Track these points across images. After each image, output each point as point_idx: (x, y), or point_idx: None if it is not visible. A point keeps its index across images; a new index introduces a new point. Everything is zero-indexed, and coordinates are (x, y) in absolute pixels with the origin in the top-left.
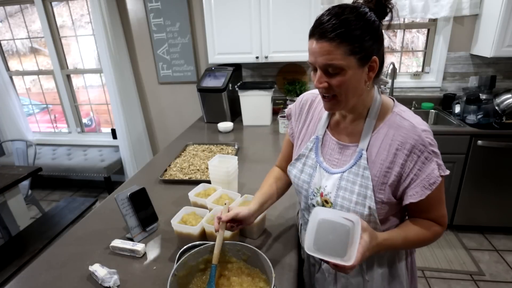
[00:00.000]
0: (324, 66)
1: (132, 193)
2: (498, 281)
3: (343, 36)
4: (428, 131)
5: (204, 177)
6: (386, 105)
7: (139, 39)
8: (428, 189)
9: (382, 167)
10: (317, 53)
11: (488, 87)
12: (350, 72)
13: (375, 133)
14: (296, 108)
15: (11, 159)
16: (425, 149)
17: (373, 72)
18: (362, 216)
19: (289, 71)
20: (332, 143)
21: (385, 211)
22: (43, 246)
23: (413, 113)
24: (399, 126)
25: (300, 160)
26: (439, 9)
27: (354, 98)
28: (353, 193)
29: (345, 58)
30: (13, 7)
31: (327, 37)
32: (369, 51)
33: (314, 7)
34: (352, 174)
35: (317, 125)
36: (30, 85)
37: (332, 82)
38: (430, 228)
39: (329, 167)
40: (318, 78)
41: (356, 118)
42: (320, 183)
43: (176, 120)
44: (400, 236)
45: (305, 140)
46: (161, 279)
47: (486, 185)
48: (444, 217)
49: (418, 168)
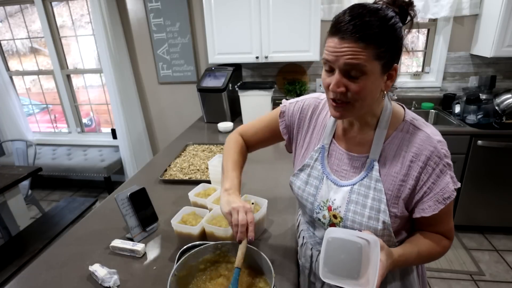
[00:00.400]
0: (346, 68)
1: (132, 193)
2: (498, 281)
3: (370, 39)
4: (443, 142)
5: (204, 177)
6: (397, 113)
7: (139, 39)
8: (442, 204)
9: (396, 180)
10: (340, 52)
11: (488, 87)
12: (372, 77)
13: (387, 143)
14: (296, 113)
15: (11, 159)
16: (440, 161)
17: (391, 81)
18: (376, 231)
19: (289, 71)
20: (340, 153)
21: (396, 224)
22: (43, 246)
23: (425, 121)
24: (413, 137)
25: (304, 171)
26: (439, 9)
27: (368, 107)
28: (366, 207)
29: (371, 61)
30: (13, 7)
31: (353, 37)
32: (392, 58)
33: (314, 7)
34: (363, 186)
35: (322, 133)
36: (30, 85)
37: (351, 87)
38: (440, 242)
39: (337, 179)
40: (336, 81)
41: (364, 127)
42: (327, 196)
43: (176, 120)
44: (414, 251)
45: (309, 149)
46: (161, 279)
47: (486, 185)
48: (452, 230)
49: (432, 181)
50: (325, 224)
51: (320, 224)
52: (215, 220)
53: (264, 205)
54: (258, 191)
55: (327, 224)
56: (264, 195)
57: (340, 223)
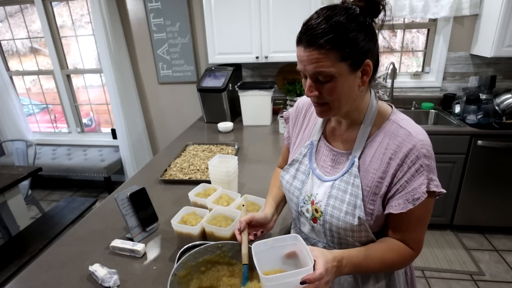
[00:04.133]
0: (313, 75)
1: (132, 193)
2: (498, 281)
3: (332, 42)
4: (425, 141)
5: (204, 177)
6: (383, 112)
7: (139, 39)
8: (411, 203)
9: (374, 177)
10: (306, 61)
11: (488, 87)
12: (341, 79)
13: (370, 141)
14: (293, 112)
15: (11, 159)
16: (417, 160)
17: (367, 76)
18: (353, 227)
19: (289, 71)
20: (326, 150)
21: (376, 223)
22: (43, 246)
23: (413, 121)
24: (395, 135)
25: (293, 166)
26: (439, 9)
27: (347, 105)
28: (344, 202)
29: (335, 65)
30: (13, 7)
31: (315, 44)
32: (361, 55)
33: (314, 7)
34: (343, 182)
35: (312, 130)
36: (30, 85)
37: (323, 90)
38: (399, 250)
39: (322, 175)
40: (308, 87)
41: (351, 125)
42: (311, 191)
43: (176, 120)
44: (361, 253)
45: (300, 145)
46: (161, 279)
47: (486, 185)
48: (419, 242)
49: (406, 179)
50: (308, 218)
51: (305, 218)
52: (215, 220)
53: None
54: (258, 191)
55: (310, 218)
56: (264, 195)
57: (321, 217)
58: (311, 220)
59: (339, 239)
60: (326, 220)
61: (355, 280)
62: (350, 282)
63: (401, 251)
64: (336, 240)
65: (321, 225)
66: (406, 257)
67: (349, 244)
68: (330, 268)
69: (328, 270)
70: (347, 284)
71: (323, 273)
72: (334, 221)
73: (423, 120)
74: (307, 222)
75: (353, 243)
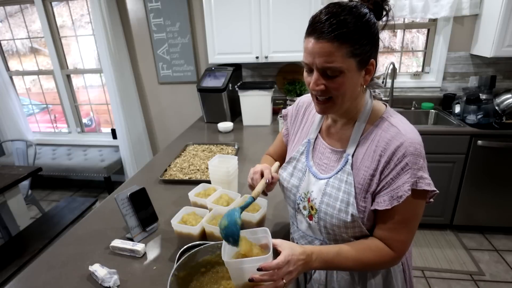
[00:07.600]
0: (322, 68)
1: (132, 193)
2: (498, 281)
3: (344, 37)
4: (414, 140)
5: (204, 177)
6: (377, 110)
7: (139, 39)
8: (396, 201)
9: (366, 174)
10: (316, 54)
11: (488, 87)
12: (349, 74)
13: (362, 138)
14: (293, 110)
15: (11, 159)
16: (403, 158)
17: (370, 76)
18: (346, 224)
19: (289, 71)
20: (323, 148)
21: (371, 221)
22: (43, 246)
23: (405, 120)
24: (385, 132)
25: (291, 163)
26: (439, 9)
27: (349, 102)
28: (337, 199)
29: (345, 60)
30: (13, 7)
31: (327, 37)
32: (368, 53)
33: (314, 7)
34: (337, 180)
35: (310, 128)
36: (30, 85)
37: (330, 85)
38: (376, 250)
39: (318, 172)
40: (314, 80)
41: (347, 123)
42: (308, 188)
43: (176, 120)
44: (333, 250)
45: (298, 143)
46: (161, 279)
47: (486, 185)
48: (403, 244)
49: (392, 177)
50: (305, 216)
51: (302, 215)
52: (215, 220)
53: (264, 205)
54: None
55: (306, 216)
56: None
57: (315, 214)
58: (307, 217)
59: (334, 235)
60: (321, 217)
61: (352, 278)
62: (347, 280)
63: (379, 252)
64: (332, 237)
65: (316, 222)
66: (384, 258)
67: (345, 240)
68: (295, 260)
69: (291, 262)
70: (344, 282)
71: (280, 264)
72: (328, 218)
73: (423, 120)
74: (304, 220)
75: (348, 240)
